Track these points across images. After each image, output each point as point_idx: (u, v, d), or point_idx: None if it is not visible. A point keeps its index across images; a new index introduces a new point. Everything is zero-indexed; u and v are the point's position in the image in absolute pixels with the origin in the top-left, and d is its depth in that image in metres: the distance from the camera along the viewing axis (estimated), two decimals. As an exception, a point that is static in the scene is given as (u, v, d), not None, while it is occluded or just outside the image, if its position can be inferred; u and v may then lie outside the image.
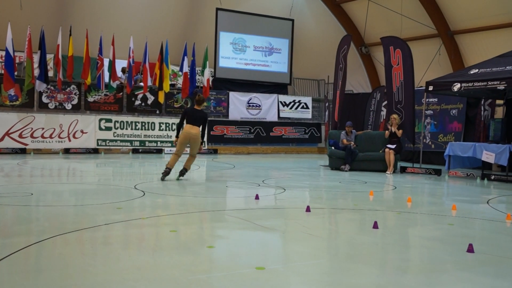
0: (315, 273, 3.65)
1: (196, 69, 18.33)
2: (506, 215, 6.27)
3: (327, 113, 20.97)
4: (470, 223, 6.06)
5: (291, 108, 21.25)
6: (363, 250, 4.43)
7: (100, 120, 16.77)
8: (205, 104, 9.20)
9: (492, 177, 11.29)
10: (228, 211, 6.23)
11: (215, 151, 18.45)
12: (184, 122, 9.48)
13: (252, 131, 20.06)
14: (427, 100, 15.51)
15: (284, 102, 21.15)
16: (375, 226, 5.29)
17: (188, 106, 18.25)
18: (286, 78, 22.40)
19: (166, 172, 9.20)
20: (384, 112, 17.53)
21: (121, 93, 17.46)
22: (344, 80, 14.86)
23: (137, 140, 17.34)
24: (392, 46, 13.34)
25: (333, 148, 13.08)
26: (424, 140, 15.80)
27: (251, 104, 20.24)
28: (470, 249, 4.33)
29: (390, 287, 3.37)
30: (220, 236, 4.85)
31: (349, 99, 19.06)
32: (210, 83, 19.17)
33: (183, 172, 9.49)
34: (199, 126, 9.40)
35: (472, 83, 11.41)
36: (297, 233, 5.07)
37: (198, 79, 19.74)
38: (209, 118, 18.48)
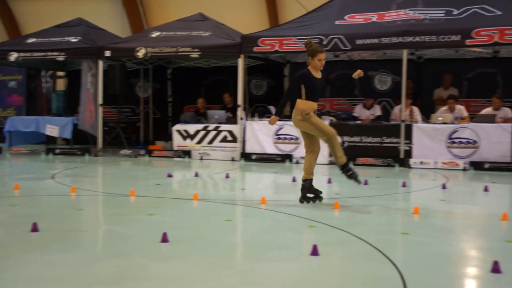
0: None
1: None
2: (71, 188, 6.72)
3: None
4: (35, 201, 6.21)
5: None
6: None
7: None
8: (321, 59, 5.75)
9: (57, 151, 11.95)
10: None
11: None
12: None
13: None
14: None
15: None
16: None
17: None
18: None
19: (311, 189, 5.81)
20: None
21: None
22: None
23: None
24: None
25: None
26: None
27: None
28: (35, 228, 4.46)
29: None
30: None
31: None
32: None
33: (351, 172, 5.84)
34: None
35: (30, 53, 11.84)
36: None
37: None
38: None
